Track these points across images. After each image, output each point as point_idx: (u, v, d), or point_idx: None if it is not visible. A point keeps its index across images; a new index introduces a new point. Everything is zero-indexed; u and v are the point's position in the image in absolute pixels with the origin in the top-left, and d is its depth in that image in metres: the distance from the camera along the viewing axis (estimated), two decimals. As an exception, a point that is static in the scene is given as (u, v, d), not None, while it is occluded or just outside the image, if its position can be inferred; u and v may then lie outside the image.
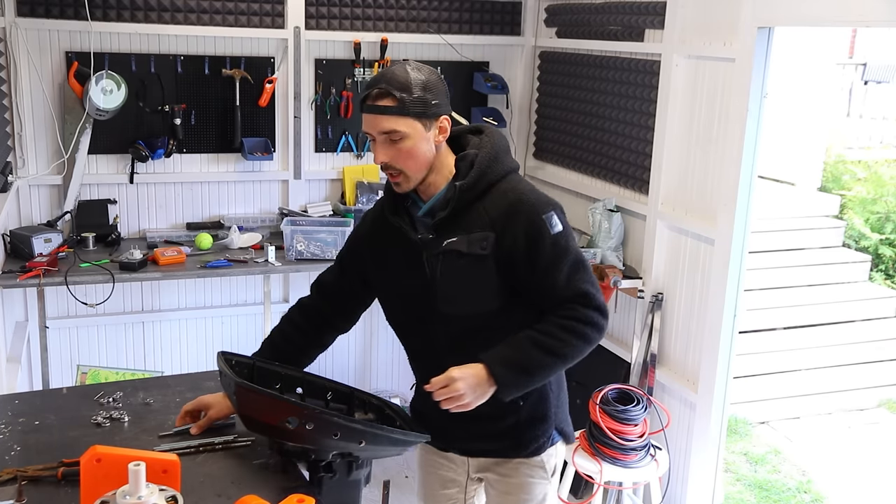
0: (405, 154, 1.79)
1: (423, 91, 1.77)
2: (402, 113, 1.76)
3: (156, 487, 1.46)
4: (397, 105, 1.76)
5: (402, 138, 1.77)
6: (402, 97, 1.75)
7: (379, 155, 1.80)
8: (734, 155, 3.02)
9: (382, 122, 1.77)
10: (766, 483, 4.25)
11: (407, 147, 1.78)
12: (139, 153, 3.73)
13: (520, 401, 1.91)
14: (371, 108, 1.78)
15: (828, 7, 2.64)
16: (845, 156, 8.58)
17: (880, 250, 6.85)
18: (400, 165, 1.80)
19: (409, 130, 1.77)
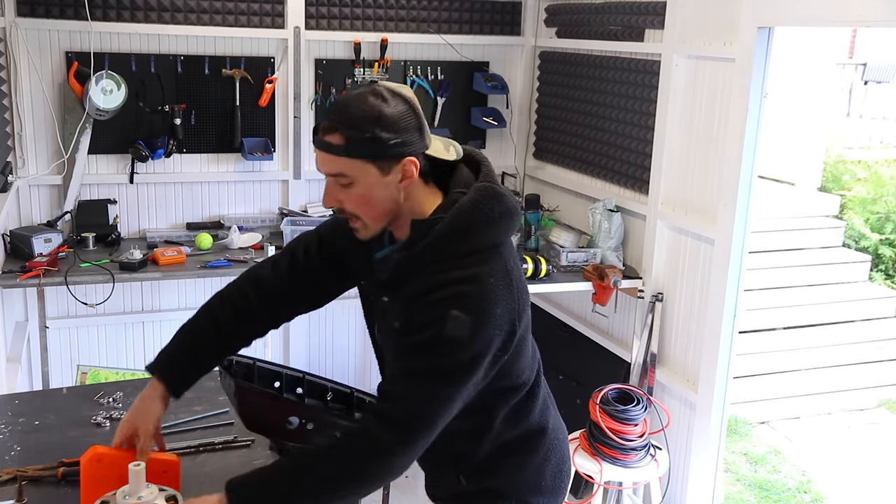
0: (357, 200, 1.49)
1: (380, 128, 1.43)
2: (349, 154, 1.45)
3: (156, 488, 1.45)
4: (344, 144, 1.45)
5: (351, 183, 1.48)
6: (350, 135, 1.44)
7: (326, 198, 1.52)
8: (734, 155, 3.02)
9: (326, 163, 1.48)
10: (766, 483, 4.25)
11: (358, 193, 1.48)
12: (139, 153, 3.73)
13: (460, 475, 1.69)
14: (317, 144, 1.48)
15: (828, 7, 2.64)
16: (845, 156, 8.58)
17: (880, 250, 6.85)
18: (353, 211, 1.51)
19: (357, 174, 1.46)
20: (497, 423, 1.64)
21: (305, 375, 1.94)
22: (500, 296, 1.47)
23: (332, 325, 4.33)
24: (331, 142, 1.45)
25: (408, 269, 1.51)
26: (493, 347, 1.48)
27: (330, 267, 1.74)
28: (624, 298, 3.67)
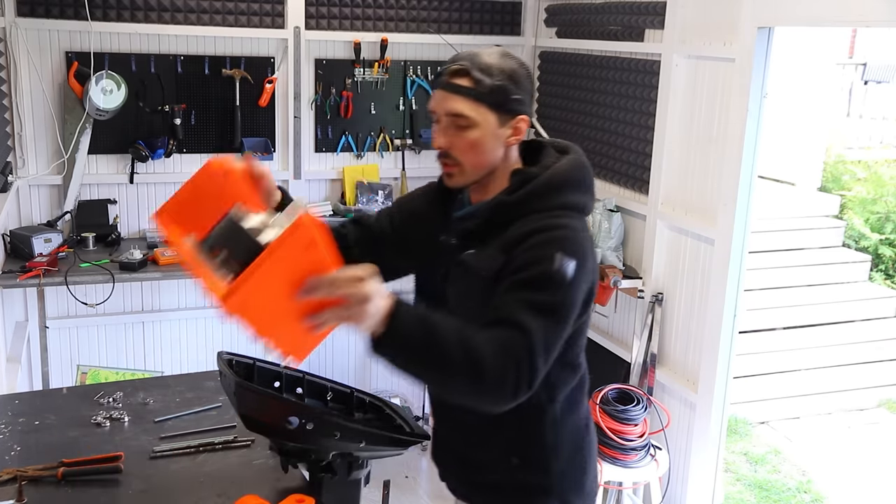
0: (468, 145, 1.55)
1: (507, 80, 1.53)
2: (476, 97, 1.52)
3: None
4: (474, 87, 1.52)
5: (468, 126, 1.53)
6: (480, 79, 1.52)
7: (438, 138, 1.56)
8: (734, 155, 3.02)
9: (451, 103, 1.53)
10: (766, 483, 4.25)
11: (472, 137, 1.54)
12: (139, 153, 3.73)
13: (513, 457, 1.66)
14: (443, 85, 1.55)
15: (828, 7, 2.64)
16: (845, 156, 8.58)
17: (880, 250, 6.86)
18: (458, 156, 1.56)
19: (479, 119, 1.53)
20: (557, 405, 1.64)
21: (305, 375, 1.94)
22: (590, 251, 1.56)
23: (332, 325, 4.33)
24: (459, 83, 1.53)
25: (507, 214, 1.56)
26: (582, 297, 1.53)
27: (393, 239, 1.77)
28: (624, 298, 3.68)
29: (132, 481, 1.76)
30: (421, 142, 4.28)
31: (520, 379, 1.38)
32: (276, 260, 1.18)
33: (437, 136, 1.57)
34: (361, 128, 4.18)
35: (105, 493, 1.71)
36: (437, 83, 1.57)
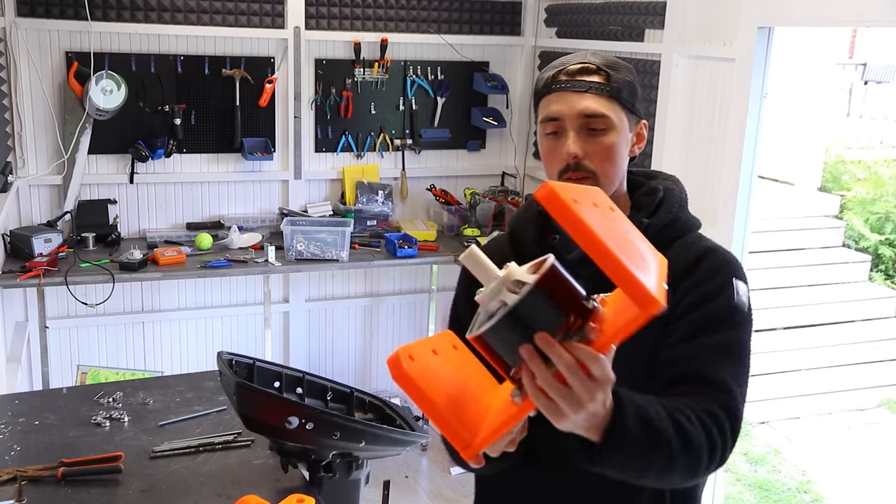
0: (605, 151, 1.29)
1: (633, 77, 1.33)
2: (612, 95, 1.29)
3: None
4: (608, 84, 1.29)
5: (606, 129, 1.28)
6: (614, 76, 1.30)
7: (570, 146, 1.27)
8: (734, 155, 3.02)
9: (586, 102, 1.28)
10: (766, 483, 4.25)
11: (609, 142, 1.29)
12: (139, 153, 3.73)
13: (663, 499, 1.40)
14: (570, 84, 1.29)
15: (827, 7, 2.64)
16: (845, 156, 8.58)
17: (880, 250, 6.86)
18: (595, 165, 1.29)
19: (616, 120, 1.29)
20: None
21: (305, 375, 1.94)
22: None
23: (333, 325, 4.33)
24: (592, 80, 1.29)
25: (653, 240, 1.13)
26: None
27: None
28: (624, 298, 3.67)
29: (132, 481, 1.76)
30: (421, 142, 4.28)
31: (727, 447, 1.21)
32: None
33: (570, 142, 1.28)
34: (361, 128, 4.18)
35: (105, 493, 1.71)
36: (555, 85, 1.31)
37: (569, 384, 0.86)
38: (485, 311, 0.90)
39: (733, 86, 3.00)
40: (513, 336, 0.85)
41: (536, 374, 0.86)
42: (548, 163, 1.33)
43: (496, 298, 0.87)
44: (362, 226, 4.07)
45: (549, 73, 1.33)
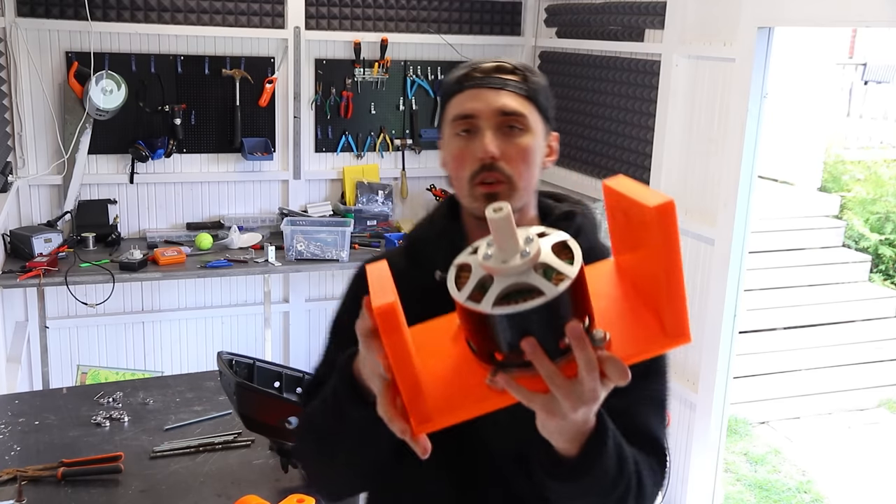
0: (523, 152, 1.18)
1: (546, 83, 1.25)
2: (529, 96, 1.20)
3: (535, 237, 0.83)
4: (525, 84, 1.21)
5: (524, 130, 1.18)
6: (530, 77, 1.22)
7: (489, 143, 1.16)
8: (734, 155, 3.02)
9: (504, 99, 1.18)
10: (766, 483, 4.25)
11: (526, 143, 1.18)
12: (139, 153, 3.73)
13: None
14: (487, 81, 1.20)
15: (827, 7, 2.64)
16: (844, 156, 8.58)
17: (880, 250, 6.85)
18: (510, 168, 1.17)
19: (532, 123, 1.20)
20: None
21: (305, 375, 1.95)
22: None
23: (332, 325, 4.33)
24: (509, 79, 1.20)
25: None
26: None
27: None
28: (624, 298, 3.67)
29: (132, 481, 1.76)
30: (421, 142, 4.28)
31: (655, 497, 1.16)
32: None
33: (487, 140, 1.16)
34: (361, 128, 4.18)
35: (105, 492, 1.72)
36: (471, 82, 1.21)
37: (578, 380, 0.82)
38: (500, 284, 0.79)
39: (733, 86, 3.01)
40: (529, 326, 0.79)
41: (541, 366, 0.81)
42: (457, 165, 1.19)
43: (520, 278, 0.79)
44: (362, 226, 4.07)
45: (459, 72, 1.23)
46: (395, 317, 0.79)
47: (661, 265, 0.80)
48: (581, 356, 0.81)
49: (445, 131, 1.23)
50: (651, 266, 0.83)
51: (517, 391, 0.82)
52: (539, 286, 0.78)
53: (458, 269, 0.84)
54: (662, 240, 0.79)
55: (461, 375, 0.85)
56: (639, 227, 0.83)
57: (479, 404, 0.84)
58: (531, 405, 0.83)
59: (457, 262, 0.85)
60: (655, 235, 0.79)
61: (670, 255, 0.79)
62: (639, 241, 0.85)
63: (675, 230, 0.79)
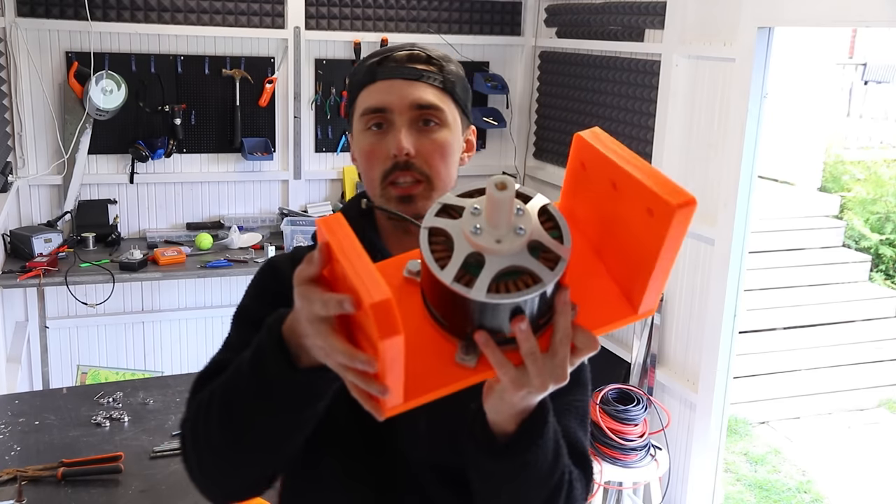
0: (440, 149, 1.10)
1: (463, 73, 1.17)
2: (446, 88, 1.12)
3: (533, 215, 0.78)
4: (441, 75, 1.12)
5: (440, 124, 1.10)
6: (447, 67, 1.13)
7: (403, 139, 1.07)
8: (734, 155, 3.02)
9: (419, 92, 1.09)
10: (766, 483, 4.25)
11: (443, 139, 1.10)
12: (139, 153, 3.73)
13: None
14: (400, 72, 1.10)
15: (827, 7, 2.64)
16: (845, 156, 8.58)
17: (880, 250, 6.86)
18: (426, 167, 1.09)
19: (450, 117, 1.11)
20: None
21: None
22: None
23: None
24: (424, 69, 1.11)
25: None
26: None
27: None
28: (624, 298, 3.67)
29: (132, 481, 1.76)
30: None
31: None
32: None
33: (400, 138, 1.07)
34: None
35: (105, 492, 1.72)
36: (382, 70, 1.11)
37: (551, 353, 0.78)
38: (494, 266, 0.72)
39: (733, 86, 3.01)
40: (519, 310, 0.74)
41: (524, 345, 0.76)
42: (368, 163, 1.11)
43: (515, 261, 0.73)
44: (362, 226, 4.07)
45: (370, 60, 1.12)
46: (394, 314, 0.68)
47: (650, 250, 0.75)
48: (561, 328, 0.77)
49: (355, 125, 1.13)
50: (634, 245, 0.77)
51: (499, 361, 0.76)
52: (536, 271, 0.73)
53: (429, 233, 0.75)
54: (668, 235, 0.73)
55: (424, 350, 0.77)
56: (630, 203, 0.76)
57: (446, 382, 0.77)
58: (504, 376, 0.78)
59: (427, 225, 0.75)
60: (660, 228, 0.73)
61: (669, 247, 0.74)
62: (621, 214, 0.78)
63: (685, 229, 0.73)
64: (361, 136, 1.11)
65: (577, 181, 0.86)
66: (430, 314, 0.79)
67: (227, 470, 1.01)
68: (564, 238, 0.76)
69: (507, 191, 0.73)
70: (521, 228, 0.74)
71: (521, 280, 0.73)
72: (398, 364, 0.70)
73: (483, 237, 0.73)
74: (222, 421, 0.95)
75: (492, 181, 0.73)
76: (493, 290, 0.71)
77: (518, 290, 0.72)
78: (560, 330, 0.77)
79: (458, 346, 0.77)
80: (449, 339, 0.78)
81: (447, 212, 0.77)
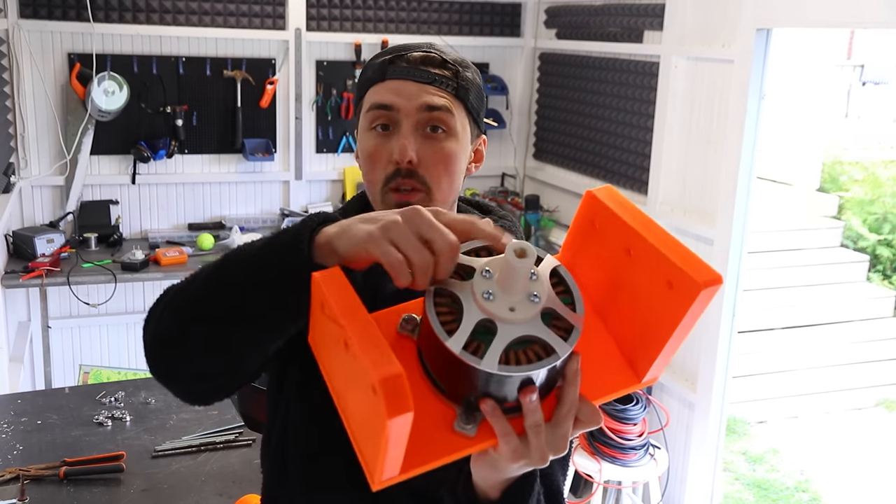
0: (445, 159, 1.04)
1: (481, 81, 1.11)
2: (458, 95, 1.05)
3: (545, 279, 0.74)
4: (455, 80, 1.05)
5: (447, 133, 1.04)
6: (462, 73, 1.07)
7: (407, 145, 1.02)
8: (733, 156, 3.03)
9: (429, 95, 1.03)
10: (764, 482, 4.26)
11: (449, 149, 1.04)
12: (141, 154, 3.74)
13: None
14: (413, 73, 1.04)
15: (825, 8, 2.65)
16: (843, 157, 8.59)
17: (878, 251, 6.87)
18: (429, 177, 1.03)
19: (459, 126, 1.05)
20: None
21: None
22: None
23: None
24: (437, 73, 1.05)
25: None
26: None
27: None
28: (623, 299, 3.68)
29: (134, 480, 1.77)
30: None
31: None
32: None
33: (403, 143, 1.02)
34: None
35: (107, 492, 1.73)
36: (393, 69, 1.05)
37: (555, 423, 0.75)
38: (506, 336, 0.69)
39: (732, 87, 3.02)
40: (529, 381, 0.70)
41: (530, 417, 0.73)
42: (370, 165, 1.05)
43: (528, 331, 0.69)
44: (362, 226, 4.08)
45: (383, 57, 1.07)
46: (405, 389, 0.62)
47: (665, 323, 0.72)
48: (568, 400, 0.75)
49: (360, 122, 1.09)
50: (646, 314, 0.74)
51: (504, 432, 0.73)
52: (550, 342, 0.69)
53: (434, 293, 0.71)
54: (689, 311, 0.70)
55: (421, 415, 0.67)
56: (647, 273, 0.73)
57: (445, 452, 0.72)
58: (506, 446, 0.74)
59: (432, 286, 0.71)
60: (680, 304, 0.70)
61: (687, 323, 0.71)
62: (634, 281, 0.75)
63: (706, 306, 0.70)
64: (366, 136, 1.07)
65: (585, 238, 0.81)
66: (425, 375, 0.74)
67: (197, 353, 0.90)
68: (577, 306, 0.72)
69: (526, 259, 0.68)
70: (536, 296, 0.70)
71: (531, 350, 0.69)
72: (402, 440, 0.65)
73: (496, 304, 0.69)
74: (207, 300, 0.87)
75: (510, 247, 0.69)
76: (503, 360, 0.68)
77: (529, 360, 0.69)
78: (567, 402, 0.75)
79: (458, 413, 0.73)
80: (446, 404, 0.73)
81: (454, 271, 0.72)
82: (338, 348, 0.68)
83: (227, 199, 4.04)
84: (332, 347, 0.70)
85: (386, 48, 1.10)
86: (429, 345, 0.72)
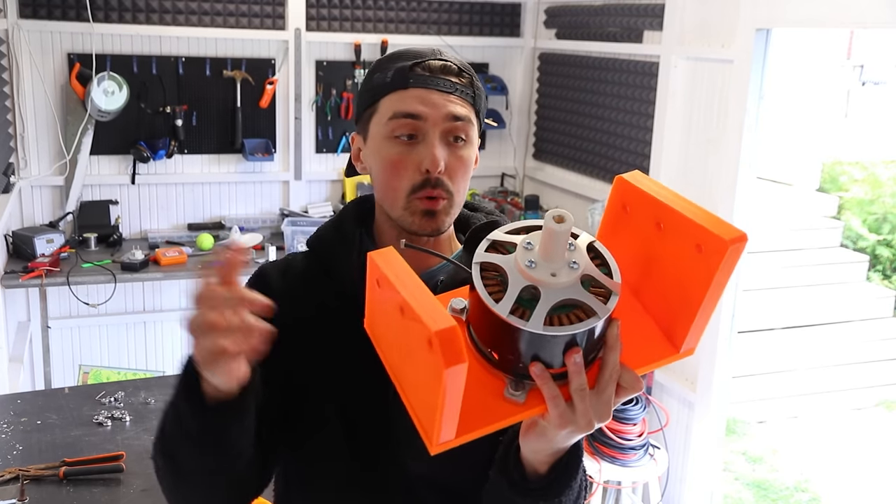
0: (465, 168, 1.06)
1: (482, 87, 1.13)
2: (474, 104, 1.07)
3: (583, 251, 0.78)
4: (471, 90, 1.07)
5: (467, 141, 1.06)
6: (475, 81, 1.08)
7: (439, 155, 1.02)
8: (732, 156, 3.03)
9: (454, 105, 1.04)
10: (764, 482, 4.27)
11: (468, 157, 1.06)
12: (141, 154, 3.74)
13: None
14: (435, 82, 1.04)
15: (825, 8, 2.65)
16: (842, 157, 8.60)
17: (877, 251, 6.87)
18: (452, 185, 1.05)
19: (474, 133, 1.08)
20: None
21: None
22: None
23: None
24: (459, 82, 1.06)
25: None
26: None
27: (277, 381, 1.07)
28: (623, 299, 3.68)
29: (134, 480, 1.77)
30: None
31: None
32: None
33: (435, 152, 1.02)
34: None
35: (107, 492, 1.73)
36: (417, 78, 1.04)
37: (599, 389, 0.78)
38: (549, 300, 0.73)
39: (732, 87, 3.02)
40: (573, 343, 0.74)
41: (575, 380, 0.76)
42: (393, 173, 1.04)
43: (570, 294, 0.74)
44: (362, 226, 4.08)
45: (398, 63, 1.05)
46: (459, 341, 0.66)
47: (697, 288, 0.75)
48: (610, 364, 0.77)
49: (377, 129, 1.06)
50: (679, 284, 0.78)
51: (552, 394, 0.76)
52: (591, 304, 0.74)
53: (480, 268, 0.76)
54: (718, 271, 0.73)
55: (473, 385, 0.75)
56: (677, 242, 0.77)
57: (497, 417, 0.77)
58: (554, 410, 0.77)
59: (478, 260, 0.76)
60: (710, 264, 0.74)
61: (717, 284, 0.74)
62: (666, 253, 0.79)
63: (734, 266, 0.74)
64: (387, 144, 1.05)
65: (617, 223, 0.86)
66: (477, 351, 0.79)
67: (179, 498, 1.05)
68: (614, 273, 0.77)
69: (564, 223, 0.73)
70: (575, 262, 0.75)
71: (574, 314, 0.74)
72: (458, 395, 0.69)
73: (538, 271, 0.74)
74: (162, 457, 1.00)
75: (550, 214, 0.73)
76: (547, 322, 0.72)
77: (572, 323, 0.73)
78: (609, 366, 0.77)
79: (507, 382, 0.78)
80: (497, 375, 0.78)
81: (495, 248, 0.78)
82: (394, 318, 0.73)
83: (226, 199, 4.04)
84: (389, 319, 0.76)
85: (393, 53, 1.09)
86: (478, 316, 0.77)
